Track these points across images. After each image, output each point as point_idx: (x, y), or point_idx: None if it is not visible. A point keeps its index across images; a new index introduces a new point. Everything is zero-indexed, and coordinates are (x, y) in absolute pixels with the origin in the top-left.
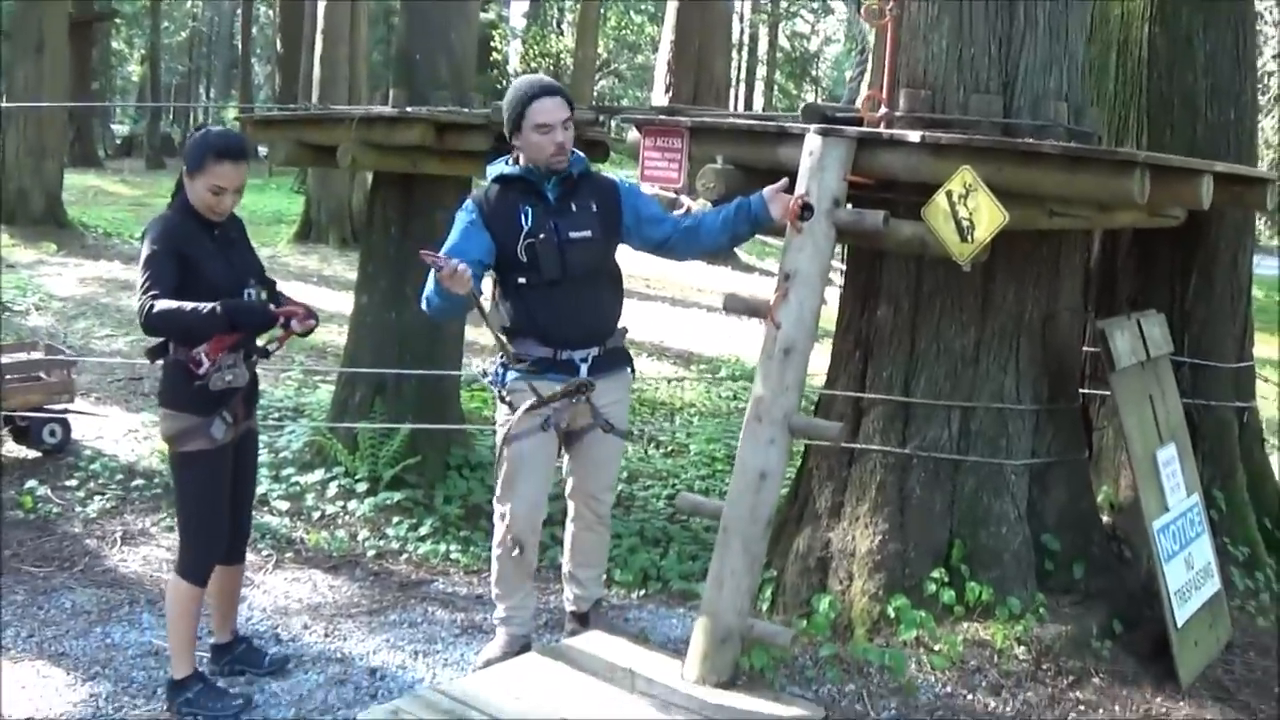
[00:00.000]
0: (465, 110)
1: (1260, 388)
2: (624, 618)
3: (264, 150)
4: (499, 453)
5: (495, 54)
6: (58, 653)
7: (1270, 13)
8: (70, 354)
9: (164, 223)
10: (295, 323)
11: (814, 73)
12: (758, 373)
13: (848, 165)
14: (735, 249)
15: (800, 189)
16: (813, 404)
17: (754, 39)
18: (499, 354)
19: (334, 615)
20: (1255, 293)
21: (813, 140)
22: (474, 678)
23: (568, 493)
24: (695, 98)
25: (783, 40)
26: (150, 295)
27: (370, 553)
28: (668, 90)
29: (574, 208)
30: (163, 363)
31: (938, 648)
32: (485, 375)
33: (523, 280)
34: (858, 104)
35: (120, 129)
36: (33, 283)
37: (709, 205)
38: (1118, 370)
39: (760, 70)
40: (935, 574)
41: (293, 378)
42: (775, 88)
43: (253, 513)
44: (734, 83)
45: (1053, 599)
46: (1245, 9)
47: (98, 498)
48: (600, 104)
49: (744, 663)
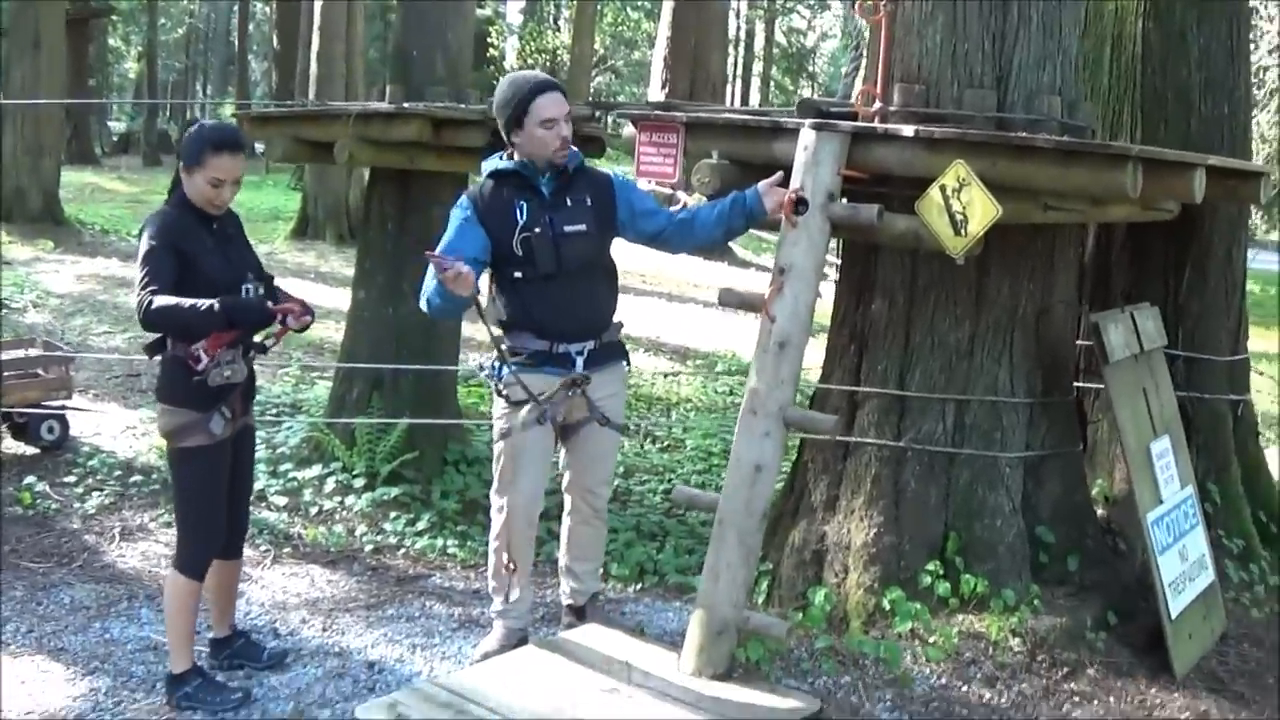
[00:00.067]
0: (462, 106)
1: (1257, 381)
2: (620, 611)
3: (261, 147)
4: (496, 447)
5: (492, 50)
6: (57, 648)
7: (1265, 7)
8: (68, 351)
9: (162, 218)
10: (291, 319)
11: (810, 68)
12: (753, 366)
13: (842, 160)
14: (731, 244)
15: (795, 183)
16: (808, 398)
17: (750, 35)
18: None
19: (332, 610)
20: (1253, 287)
21: (807, 135)
22: (471, 671)
23: (564, 487)
24: (692, 93)
25: (779, 36)
26: (149, 291)
27: (368, 548)
28: (664, 86)
29: (569, 202)
30: (161, 358)
31: (933, 640)
32: (482, 370)
33: (518, 275)
34: (853, 99)
35: (117, 126)
36: (30, 280)
37: (704, 200)
38: (1112, 363)
39: (757, 66)
40: (930, 566)
41: (290, 374)
42: (772, 83)
43: (250, 508)
44: (730, 79)
45: (1047, 591)
46: (1239, 4)
47: (96, 493)
48: (597, 100)
49: (740, 655)
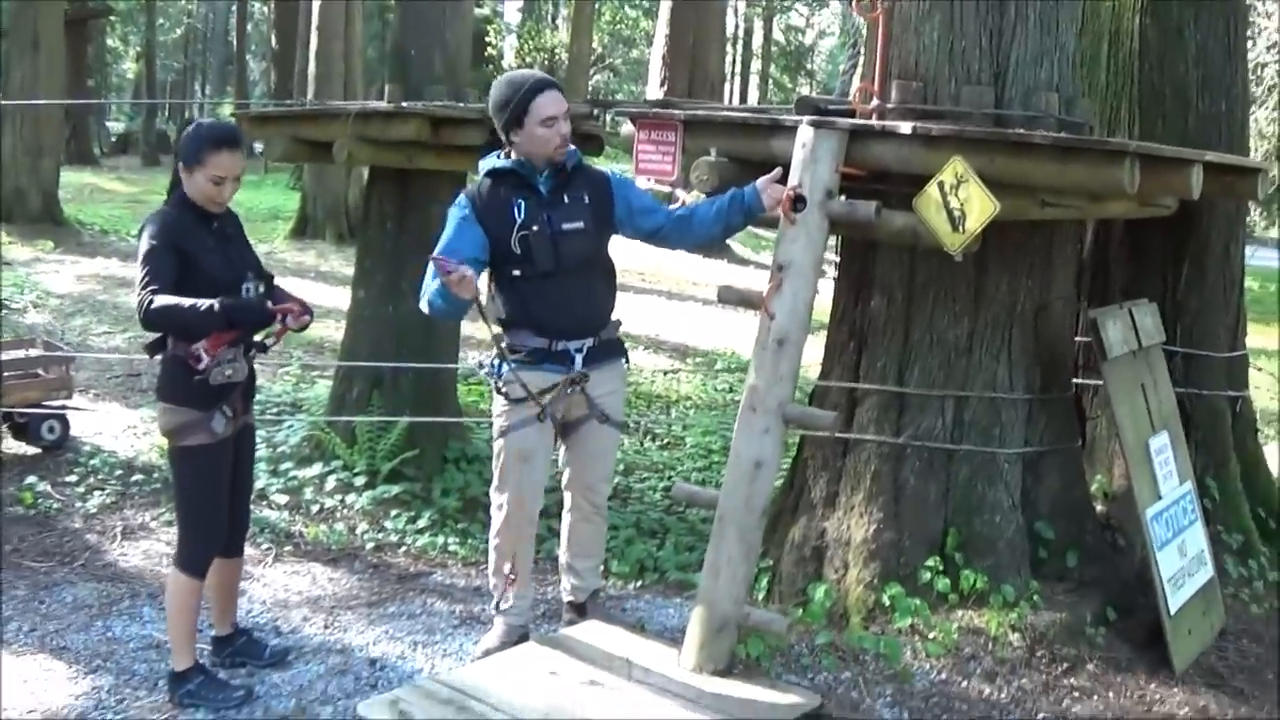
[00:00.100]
0: (460, 105)
1: (1256, 378)
2: (621, 608)
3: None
4: (495, 444)
5: (490, 49)
6: (59, 647)
7: (1263, 4)
8: (68, 351)
9: (162, 218)
10: (290, 319)
11: (809, 66)
12: (752, 363)
13: (840, 157)
14: (729, 242)
15: (793, 180)
16: (807, 395)
17: (749, 33)
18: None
19: (333, 607)
20: (1251, 284)
21: (805, 132)
22: (473, 667)
23: (564, 484)
24: (690, 92)
25: (777, 34)
26: (149, 290)
27: (369, 545)
28: (662, 84)
29: (566, 200)
30: (162, 358)
31: (933, 635)
32: (481, 368)
33: (517, 273)
34: (850, 96)
35: (116, 126)
36: (30, 280)
37: (703, 198)
38: (1110, 359)
39: (755, 64)
40: (930, 562)
41: (290, 373)
42: (770, 81)
43: (251, 507)
44: (729, 77)
45: (1047, 587)
46: (1236, 0)
47: (97, 493)
48: (595, 98)
49: (740, 651)
